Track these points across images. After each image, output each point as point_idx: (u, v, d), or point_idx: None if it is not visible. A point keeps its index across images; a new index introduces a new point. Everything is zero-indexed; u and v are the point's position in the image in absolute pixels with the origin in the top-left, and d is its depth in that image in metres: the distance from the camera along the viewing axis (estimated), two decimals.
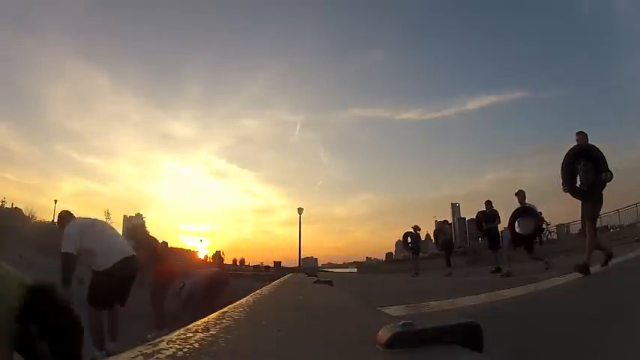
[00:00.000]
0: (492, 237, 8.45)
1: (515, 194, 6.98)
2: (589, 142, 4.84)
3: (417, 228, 11.34)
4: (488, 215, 8.45)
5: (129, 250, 3.64)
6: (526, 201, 6.89)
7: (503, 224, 8.23)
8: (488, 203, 8.51)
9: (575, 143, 4.84)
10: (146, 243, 4.98)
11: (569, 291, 3.94)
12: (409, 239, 11.19)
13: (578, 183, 4.74)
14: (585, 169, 4.65)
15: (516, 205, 6.89)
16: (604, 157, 4.61)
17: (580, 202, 4.74)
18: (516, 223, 6.68)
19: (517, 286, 4.43)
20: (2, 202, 39.20)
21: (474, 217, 9.70)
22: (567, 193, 4.80)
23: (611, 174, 4.54)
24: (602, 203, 4.71)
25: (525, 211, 6.74)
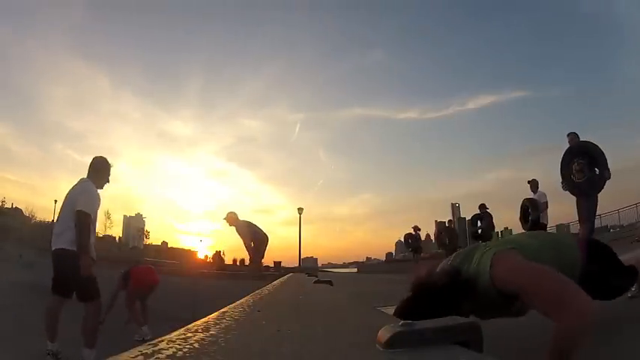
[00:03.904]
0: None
1: (528, 182, 6.99)
2: (586, 140, 4.80)
3: (417, 228, 11.38)
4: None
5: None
6: (539, 190, 6.85)
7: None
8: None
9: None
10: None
11: None
12: (409, 240, 11.28)
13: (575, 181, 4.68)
14: (578, 168, 4.60)
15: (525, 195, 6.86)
16: (603, 154, 4.54)
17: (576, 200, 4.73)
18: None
19: None
20: (2, 202, 39.27)
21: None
22: (567, 192, 4.80)
23: (609, 172, 4.50)
24: (596, 204, 4.66)
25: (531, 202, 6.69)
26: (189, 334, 0.55)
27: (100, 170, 3.20)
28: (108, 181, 3.29)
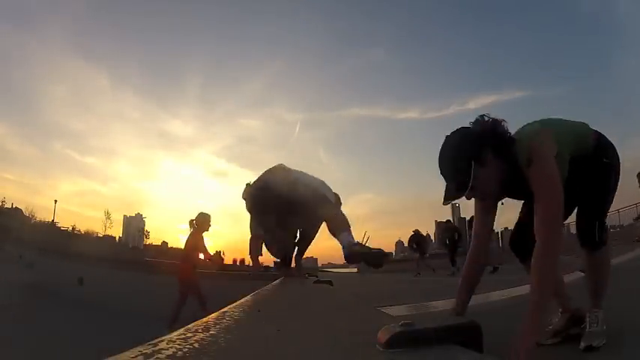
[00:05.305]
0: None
1: (637, 175, 6.91)
2: None
3: (417, 232, 11.57)
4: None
5: None
6: None
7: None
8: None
9: None
10: None
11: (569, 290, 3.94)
12: (414, 245, 11.46)
13: None
14: None
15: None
16: None
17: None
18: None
19: (517, 285, 4.43)
20: (2, 202, 39.21)
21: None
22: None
23: None
24: None
25: None
26: (189, 334, 0.55)
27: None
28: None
